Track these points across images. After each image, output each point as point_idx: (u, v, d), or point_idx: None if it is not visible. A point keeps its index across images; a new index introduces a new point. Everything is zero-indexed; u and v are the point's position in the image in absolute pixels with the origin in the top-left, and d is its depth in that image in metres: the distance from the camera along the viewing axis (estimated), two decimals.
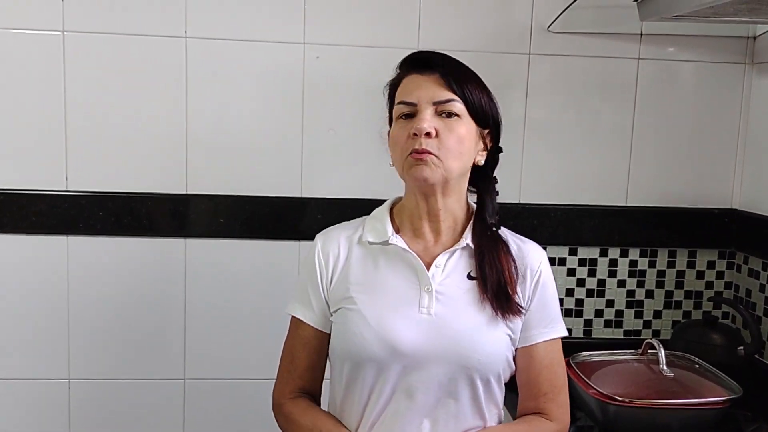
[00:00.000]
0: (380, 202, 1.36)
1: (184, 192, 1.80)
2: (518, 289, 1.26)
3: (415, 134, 1.19)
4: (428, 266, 1.25)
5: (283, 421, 1.32)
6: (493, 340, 1.23)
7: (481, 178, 1.31)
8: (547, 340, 1.28)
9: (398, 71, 1.29)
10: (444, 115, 1.21)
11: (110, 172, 1.78)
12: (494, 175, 1.33)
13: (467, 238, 1.27)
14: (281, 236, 1.83)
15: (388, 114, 1.31)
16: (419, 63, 1.25)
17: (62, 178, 1.76)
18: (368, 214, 1.35)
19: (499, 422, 1.28)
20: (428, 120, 1.19)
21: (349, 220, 1.36)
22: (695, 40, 1.88)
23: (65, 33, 1.72)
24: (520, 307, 1.25)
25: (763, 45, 1.87)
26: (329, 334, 1.30)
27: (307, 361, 1.32)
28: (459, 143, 1.21)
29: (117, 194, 1.78)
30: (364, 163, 1.81)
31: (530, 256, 1.30)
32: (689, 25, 1.81)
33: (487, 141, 1.28)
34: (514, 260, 1.28)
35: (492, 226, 1.28)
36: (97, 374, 1.83)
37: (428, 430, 1.22)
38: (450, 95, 1.21)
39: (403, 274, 1.26)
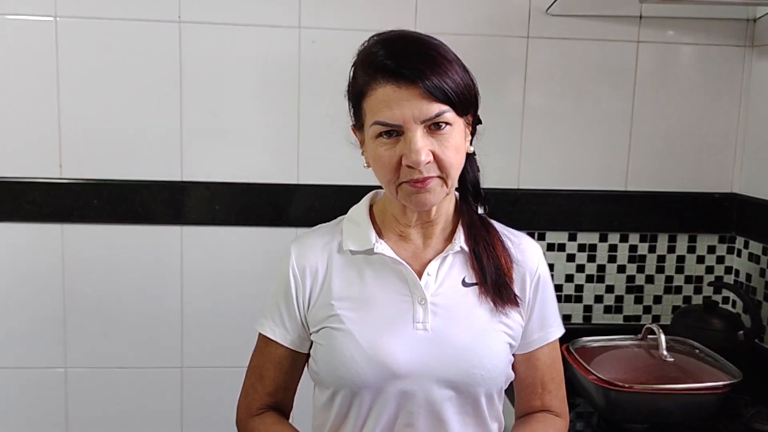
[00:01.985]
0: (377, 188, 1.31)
1: (179, 179, 1.78)
2: (514, 277, 1.17)
3: (409, 166, 1.04)
4: (419, 274, 1.14)
5: None
6: (494, 353, 1.13)
7: None
8: (549, 343, 1.21)
9: (361, 76, 1.08)
10: (433, 126, 1.05)
11: (105, 159, 1.76)
12: (473, 149, 1.15)
13: (460, 241, 1.15)
14: (278, 223, 1.82)
15: (352, 116, 1.14)
16: (392, 73, 1.04)
17: (56, 165, 1.75)
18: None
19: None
20: (421, 146, 1.03)
21: (346, 206, 1.30)
22: (695, 22, 1.87)
23: (57, 18, 1.70)
24: (518, 297, 1.16)
25: (763, 27, 1.86)
26: (306, 354, 1.20)
27: (278, 381, 1.20)
28: (457, 153, 1.07)
29: (112, 182, 1.76)
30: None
31: (526, 256, 1.19)
32: (689, 8, 1.80)
33: (470, 121, 1.13)
34: (507, 250, 1.18)
35: (477, 207, 1.18)
36: (94, 362, 1.83)
37: None
38: (439, 107, 1.03)
39: (393, 286, 1.14)
